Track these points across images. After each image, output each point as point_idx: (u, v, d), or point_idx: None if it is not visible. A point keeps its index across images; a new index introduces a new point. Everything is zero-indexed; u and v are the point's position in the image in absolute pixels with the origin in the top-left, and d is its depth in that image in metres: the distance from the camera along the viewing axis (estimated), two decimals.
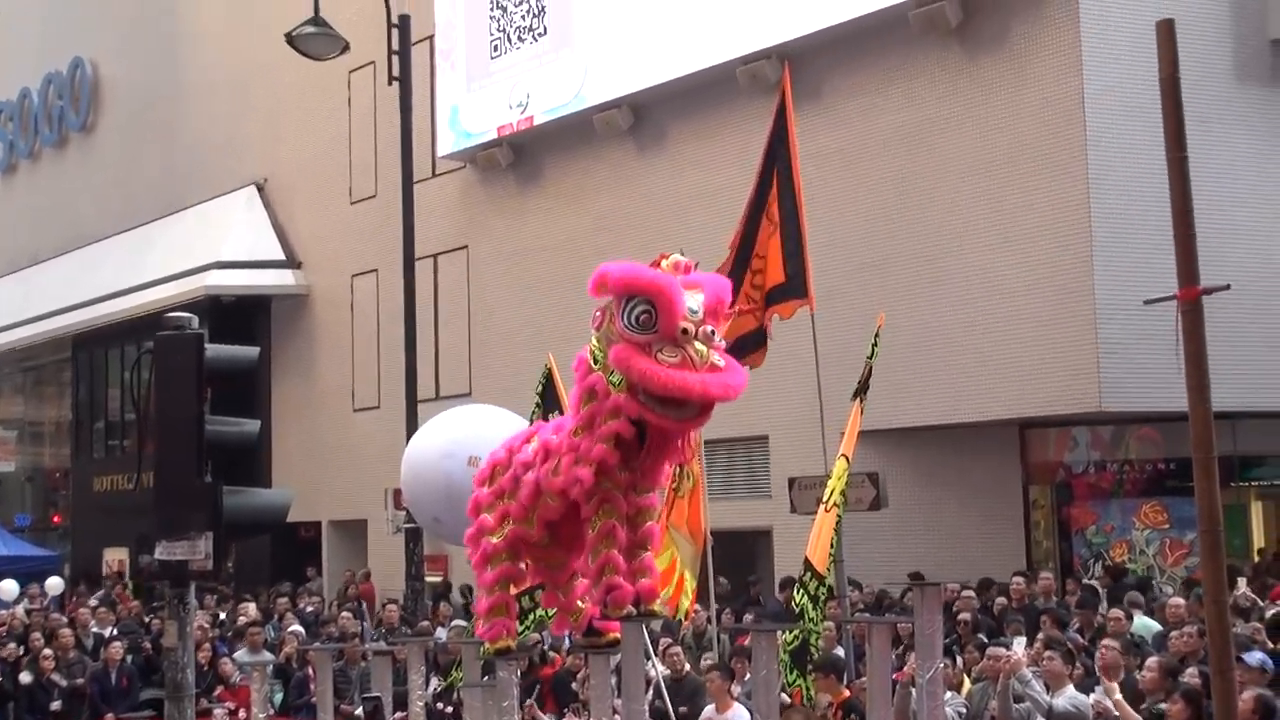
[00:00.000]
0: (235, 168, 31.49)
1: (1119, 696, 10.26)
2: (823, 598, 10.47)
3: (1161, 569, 18.08)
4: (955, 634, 13.44)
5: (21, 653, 17.86)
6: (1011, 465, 19.03)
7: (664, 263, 7.08)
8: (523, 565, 7.89)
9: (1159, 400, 16.65)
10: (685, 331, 6.70)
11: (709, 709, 11.67)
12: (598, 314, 7.13)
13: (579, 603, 7.88)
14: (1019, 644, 10.65)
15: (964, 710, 11.19)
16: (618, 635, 7.67)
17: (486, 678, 8.92)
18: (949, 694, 10.46)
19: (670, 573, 12.42)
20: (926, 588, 7.26)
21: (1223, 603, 6.30)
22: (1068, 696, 10.42)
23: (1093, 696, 10.65)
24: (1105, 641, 11.32)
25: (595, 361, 7.09)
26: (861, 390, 11.36)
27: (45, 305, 34.94)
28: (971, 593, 15.39)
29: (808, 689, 10.66)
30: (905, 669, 10.65)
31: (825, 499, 11.10)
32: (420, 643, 11.28)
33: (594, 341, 7.13)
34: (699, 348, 6.68)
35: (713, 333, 6.76)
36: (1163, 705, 9.74)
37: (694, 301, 6.80)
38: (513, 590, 7.99)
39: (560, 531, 7.63)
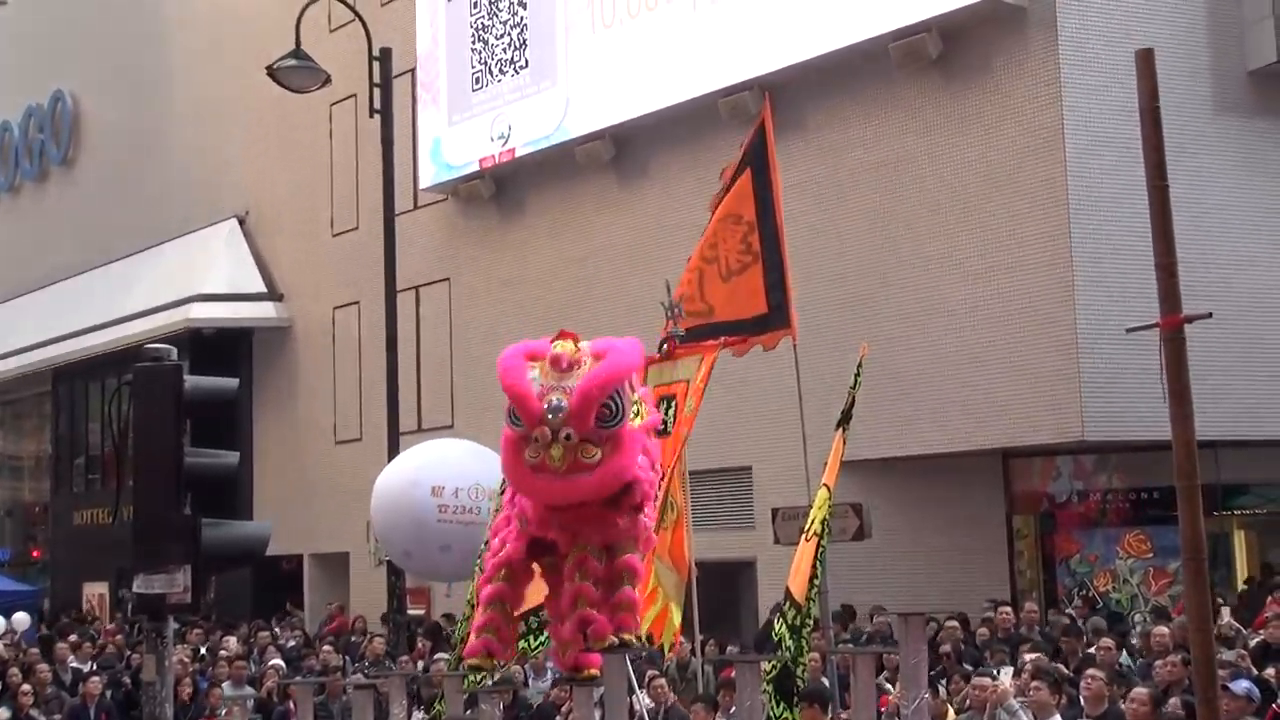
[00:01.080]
0: (216, 200, 31.45)
1: None
2: (804, 628, 10.41)
3: (1145, 598, 18.07)
4: (940, 665, 13.39)
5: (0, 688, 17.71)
6: (995, 495, 19.03)
7: (555, 344, 7.19)
8: (518, 587, 7.83)
9: (1142, 429, 16.67)
10: (537, 440, 6.89)
11: None
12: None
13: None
14: (1006, 674, 10.61)
15: None
16: (595, 672, 7.72)
17: (469, 711, 8.86)
18: None
19: (652, 603, 12.36)
20: (911, 618, 7.23)
21: (1207, 630, 6.29)
22: None
23: None
24: (1089, 672, 11.28)
25: None
26: (845, 420, 11.33)
27: (25, 339, 34.82)
28: (956, 624, 15.36)
29: (784, 711, 10.58)
30: (888, 699, 10.61)
31: (806, 528, 11.06)
32: (402, 676, 11.19)
33: None
34: (553, 452, 6.86)
35: (569, 436, 6.87)
36: None
37: (556, 400, 6.91)
38: (514, 611, 7.91)
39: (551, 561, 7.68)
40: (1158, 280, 6.31)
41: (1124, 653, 13.99)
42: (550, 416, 6.88)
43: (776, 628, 10.73)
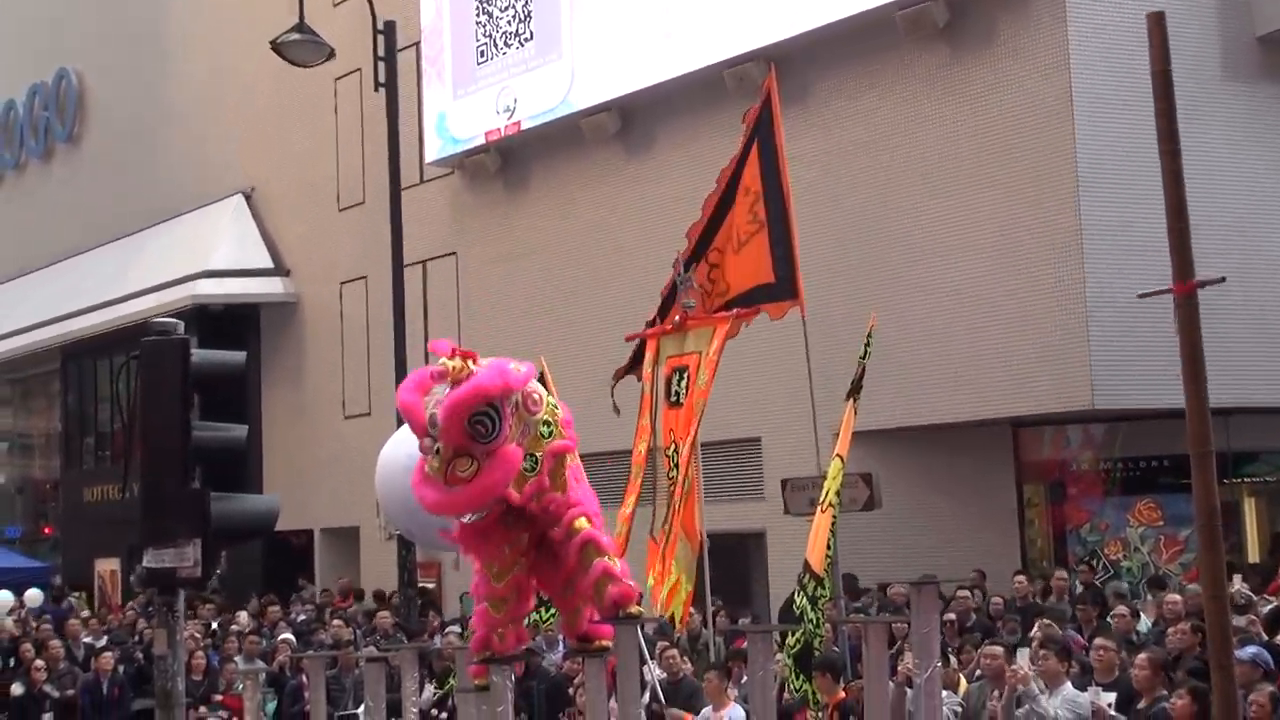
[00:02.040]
0: (222, 176, 31.39)
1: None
2: (821, 599, 10.43)
3: (1156, 566, 18.05)
4: (942, 635, 13.39)
5: (11, 664, 17.79)
6: (1005, 464, 19.00)
7: (444, 360, 7.58)
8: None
9: (1151, 397, 16.64)
10: (424, 449, 7.45)
11: (706, 710, 11.64)
12: None
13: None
14: (1024, 655, 10.51)
15: (960, 709, 11.15)
16: (607, 643, 8.01)
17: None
18: (945, 693, 10.41)
19: (666, 575, 12.39)
20: (923, 587, 7.22)
21: (1222, 598, 6.27)
22: (1065, 696, 10.36)
23: (1088, 694, 10.60)
24: (1098, 641, 11.28)
25: None
26: (855, 391, 11.32)
27: (33, 316, 34.82)
28: (968, 593, 15.37)
29: (813, 694, 10.61)
30: (901, 669, 10.61)
31: (821, 500, 11.06)
32: (414, 649, 11.22)
33: None
34: (431, 463, 7.40)
35: (438, 450, 7.37)
36: (1165, 705, 9.70)
37: (432, 409, 7.43)
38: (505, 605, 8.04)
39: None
40: (1170, 245, 6.28)
41: (1139, 619, 13.98)
42: (430, 428, 7.38)
43: (798, 600, 10.76)
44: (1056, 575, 16.56)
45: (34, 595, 27.23)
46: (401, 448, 13.17)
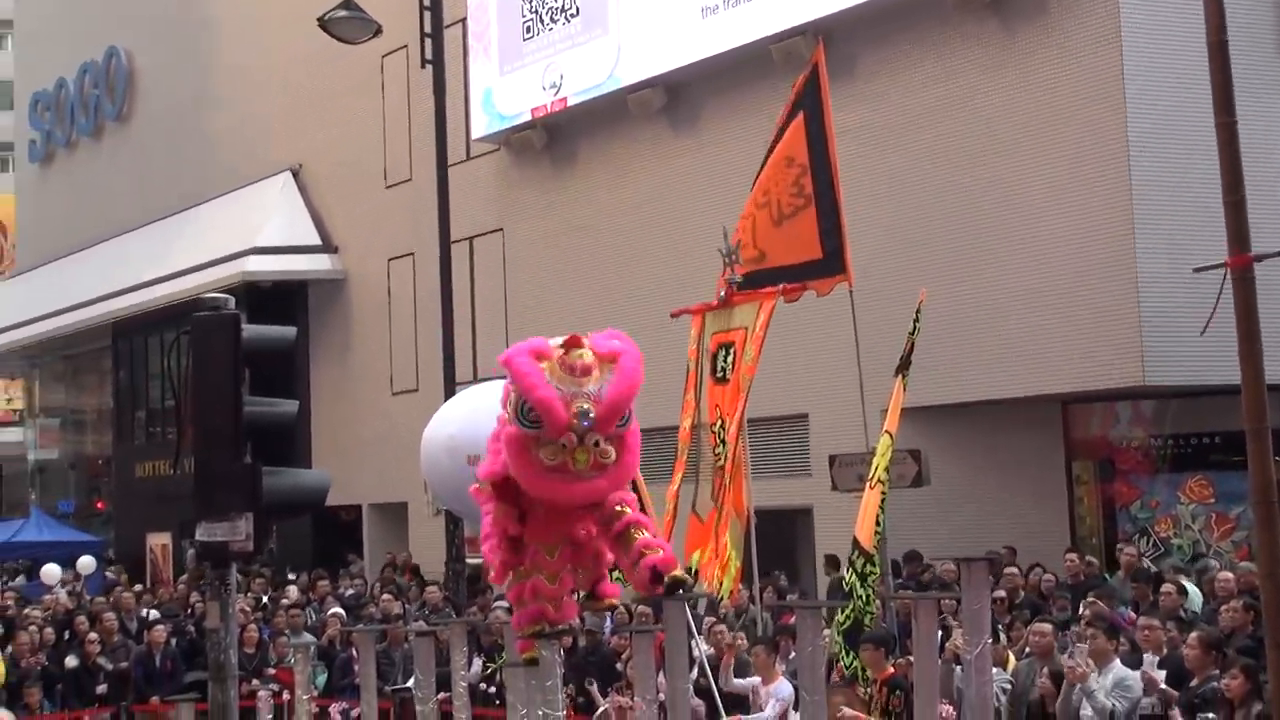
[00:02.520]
0: (270, 153, 31.54)
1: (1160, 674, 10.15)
2: (870, 576, 10.40)
3: (1208, 544, 17.91)
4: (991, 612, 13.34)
5: (66, 637, 18.00)
6: (1054, 441, 18.89)
7: (571, 352, 7.45)
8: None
9: (1204, 373, 16.48)
10: (564, 446, 7.24)
11: (755, 680, 11.65)
12: (506, 388, 7.69)
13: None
14: (1081, 652, 10.44)
15: (1009, 686, 11.11)
16: (615, 602, 8.29)
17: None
18: (995, 670, 10.37)
19: (723, 552, 12.38)
20: (974, 563, 7.17)
21: (1277, 575, 6.20)
22: (1115, 678, 10.30)
23: (1139, 671, 10.54)
24: (1142, 621, 11.19)
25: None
26: (904, 366, 11.26)
27: (84, 293, 35.12)
28: (1016, 569, 15.30)
29: (862, 670, 10.60)
30: (949, 646, 10.59)
31: (870, 476, 11.03)
32: (463, 624, 11.26)
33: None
34: (578, 457, 7.24)
35: (597, 442, 7.25)
36: (1214, 685, 9.64)
37: (583, 407, 7.25)
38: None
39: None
40: (1226, 218, 6.21)
41: (1185, 596, 13.86)
42: (577, 423, 7.19)
43: (847, 577, 10.74)
44: (1125, 551, 16.44)
45: (86, 563, 27.65)
46: (444, 427, 13.22)
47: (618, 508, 7.74)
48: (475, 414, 13.85)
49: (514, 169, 25.56)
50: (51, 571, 26.37)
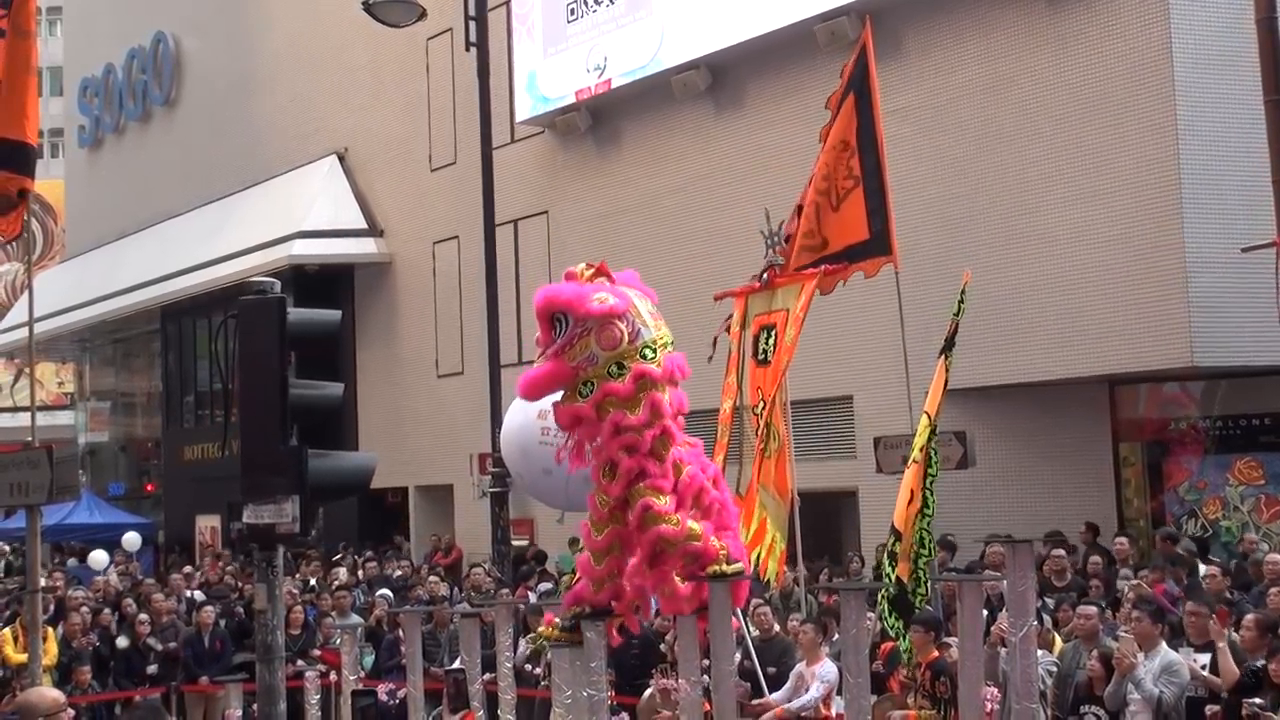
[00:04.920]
0: (316, 138, 31.68)
1: (1224, 644, 10.04)
2: (920, 558, 10.36)
3: (1257, 525, 17.76)
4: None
5: (115, 618, 18.20)
6: (1101, 423, 18.75)
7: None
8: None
9: (1253, 354, 16.36)
10: None
11: (799, 665, 11.65)
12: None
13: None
14: (1128, 640, 10.37)
15: (1055, 669, 11.06)
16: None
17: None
18: (1040, 653, 10.33)
19: (762, 535, 12.38)
20: (1018, 545, 7.16)
21: None
22: (1162, 663, 10.23)
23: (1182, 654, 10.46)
24: (1189, 607, 11.09)
25: None
26: (947, 348, 11.22)
27: (133, 278, 35.41)
28: (1062, 552, 15.22)
29: (910, 650, 10.56)
30: (995, 629, 10.55)
31: (908, 456, 11.00)
32: (508, 605, 11.32)
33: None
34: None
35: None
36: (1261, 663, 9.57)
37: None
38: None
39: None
40: (1276, 196, 6.13)
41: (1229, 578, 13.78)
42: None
43: (883, 561, 10.72)
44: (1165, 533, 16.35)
45: (132, 539, 27.97)
46: (517, 416, 13.27)
47: (635, 488, 8.17)
48: None
49: (558, 151, 25.58)
50: (98, 558, 26.67)
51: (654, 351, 8.18)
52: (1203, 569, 14.19)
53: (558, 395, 8.40)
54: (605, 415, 8.09)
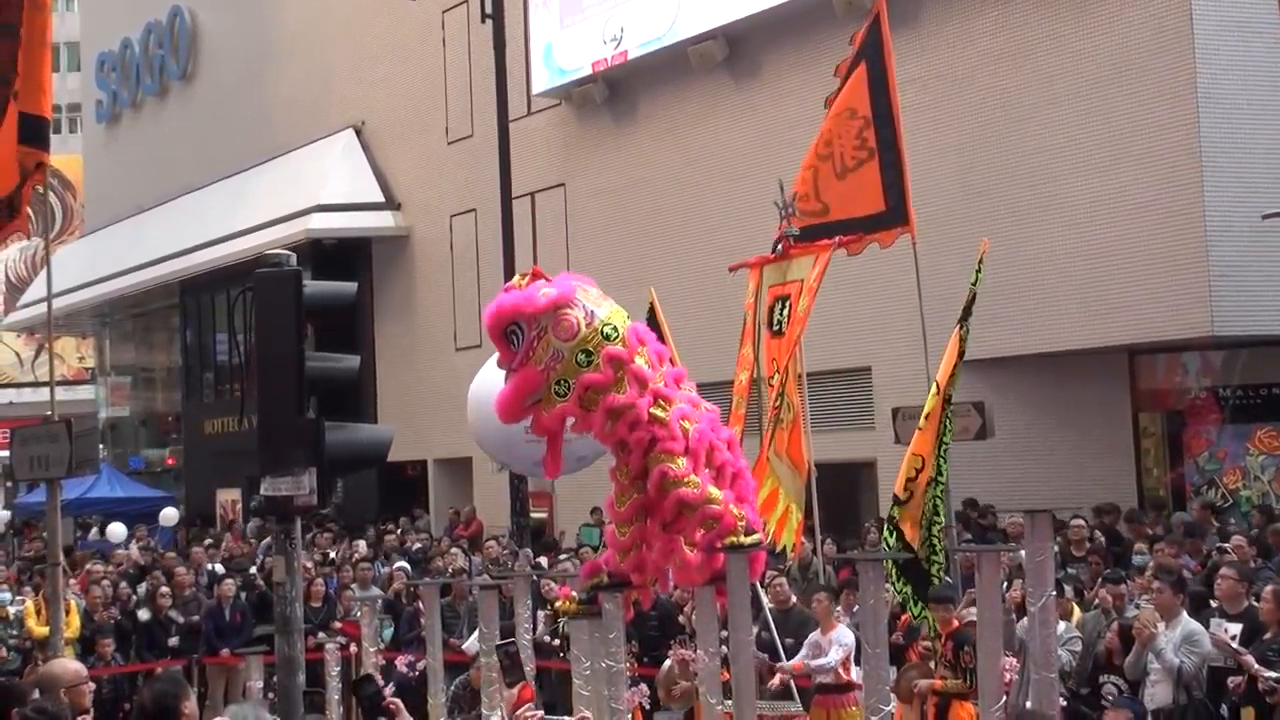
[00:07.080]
0: (333, 111, 31.65)
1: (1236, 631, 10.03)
2: (934, 526, 10.33)
3: (1277, 495, 17.70)
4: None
5: (143, 590, 18.30)
6: (1121, 393, 18.69)
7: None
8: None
9: (1273, 323, 16.27)
10: None
11: (814, 634, 11.66)
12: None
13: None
14: (1149, 607, 10.34)
15: (1079, 644, 11.05)
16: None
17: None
18: (1061, 626, 10.33)
19: (773, 504, 12.37)
20: (1037, 515, 7.12)
21: None
22: (1184, 633, 10.20)
23: (1211, 627, 10.42)
24: (1223, 571, 11.06)
25: None
26: (965, 317, 11.17)
27: (152, 253, 35.46)
28: (1082, 521, 15.18)
29: (931, 623, 10.55)
30: (1011, 597, 10.54)
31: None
32: (526, 577, 11.32)
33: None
34: None
35: None
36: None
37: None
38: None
39: None
40: None
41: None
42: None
43: (886, 533, 10.72)
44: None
45: (169, 514, 28.16)
46: (485, 384, 13.26)
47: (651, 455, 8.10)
48: None
49: (575, 124, 25.51)
50: (117, 531, 26.82)
51: (615, 330, 8.04)
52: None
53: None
54: (593, 407, 7.99)
